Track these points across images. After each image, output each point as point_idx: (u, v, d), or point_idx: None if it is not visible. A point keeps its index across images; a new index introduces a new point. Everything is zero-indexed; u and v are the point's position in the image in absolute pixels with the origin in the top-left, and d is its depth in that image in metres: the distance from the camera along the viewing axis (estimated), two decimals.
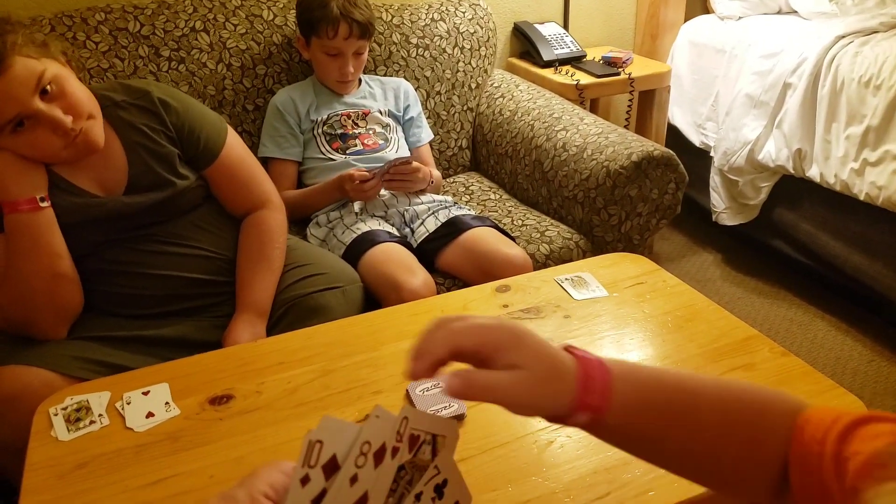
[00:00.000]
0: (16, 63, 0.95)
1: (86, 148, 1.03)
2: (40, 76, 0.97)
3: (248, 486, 0.42)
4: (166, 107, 1.13)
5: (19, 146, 0.99)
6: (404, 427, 0.43)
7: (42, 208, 1.02)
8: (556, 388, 0.43)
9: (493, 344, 0.43)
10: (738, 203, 2.02)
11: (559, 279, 1.10)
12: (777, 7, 2.09)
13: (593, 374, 0.44)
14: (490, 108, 1.80)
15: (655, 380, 0.46)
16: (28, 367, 0.97)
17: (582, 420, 0.44)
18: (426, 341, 0.44)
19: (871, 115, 1.60)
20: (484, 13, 1.83)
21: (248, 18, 1.57)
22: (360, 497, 0.41)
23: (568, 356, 0.45)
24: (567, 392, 0.43)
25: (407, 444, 0.43)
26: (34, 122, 0.98)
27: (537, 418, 0.82)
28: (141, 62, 1.47)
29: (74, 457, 0.77)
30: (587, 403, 0.43)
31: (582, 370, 0.44)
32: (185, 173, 1.15)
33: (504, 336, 0.43)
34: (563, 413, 0.44)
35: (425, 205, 1.49)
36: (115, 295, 1.11)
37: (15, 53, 0.95)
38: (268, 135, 1.51)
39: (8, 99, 0.95)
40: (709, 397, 0.46)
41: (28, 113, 0.97)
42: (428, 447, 0.44)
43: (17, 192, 1.00)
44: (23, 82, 0.95)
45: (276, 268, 1.18)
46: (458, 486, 0.46)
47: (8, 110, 0.95)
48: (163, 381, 0.88)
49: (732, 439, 0.45)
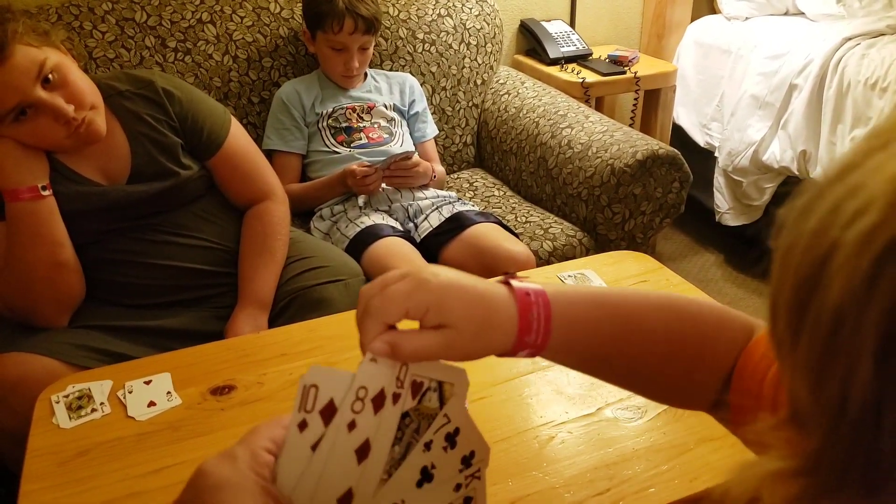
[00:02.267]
0: (17, 52, 0.94)
1: (88, 137, 1.03)
2: (42, 65, 0.97)
3: (248, 443, 0.41)
4: (170, 97, 1.13)
5: (21, 135, 0.99)
6: (404, 373, 0.42)
7: (43, 197, 1.02)
8: (491, 337, 0.43)
9: (417, 310, 0.42)
10: (741, 204, 2.01)
11: (562, 276, 1.10)
12: (784, 8, 2.08)
13: (532, 311, 0.44)
14: (495, 104, 1.80)
15: (598, 303, 0.46)
16: (30, 354, 0.98)
17: (524, 356, 0.45)
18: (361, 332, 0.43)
19: (877, 118, 1.59)
20: (491, 10, 1.83)
21: (254, 11, 1.57)
22: (362, 444, 0.40)
23: (504, 293, 0.44)
24: (504, 337, 0.43)
25: (409, 390, 0.42)
26: (36, 110, 0.98)
27: (539, 414, 0.82)
28: (147, 52, 1.47)
29: (75, 444, 0.77)
30: (527, 343, 0.44)
31: (521, 308, 0.44)
32: (189, 163, 1.14)
33: (426, 298, 0.42)
34: (504, 351, 0.44)
35: (429, 200, 1.48)
36: (118, 284, 1.11)
37: (16, 42, 0.94)
38: (272, 127, 1.51)
39: (9, 88, 0.95)
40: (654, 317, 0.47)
41: (29, 101, 0.97)
42: (434, 394, 0.43)
43: (17, 181, 1.00)
44: (24, 71, 0.95)
45: (279, 260, 1.18)
46: (472, 435, 0.44)
47: (9, 99, 0.95)
48: (165, 370, 0.88)
49: (679, 356, 0.47)
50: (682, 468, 0.74)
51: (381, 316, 0.42)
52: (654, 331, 0.47)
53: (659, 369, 0.48)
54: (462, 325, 0.42)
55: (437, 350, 0.42)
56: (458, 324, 0.42)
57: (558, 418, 0.81)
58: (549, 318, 0.44)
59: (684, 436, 0.78)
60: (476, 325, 0.43)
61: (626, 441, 0.78)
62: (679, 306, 0.48)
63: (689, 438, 0.77)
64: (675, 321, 0.48)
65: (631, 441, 0.78)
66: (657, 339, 0.47)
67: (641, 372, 0.48)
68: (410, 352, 0.42)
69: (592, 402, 0.83)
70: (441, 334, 0.42)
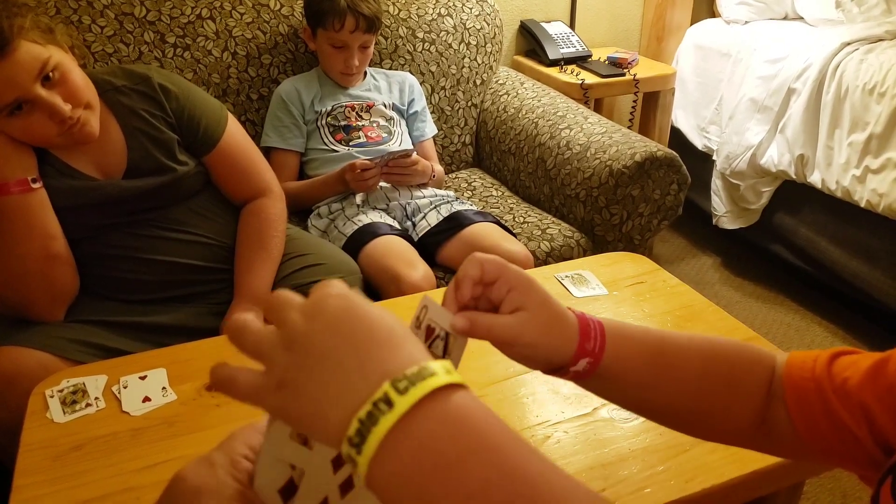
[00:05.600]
0: (20, 47, 0.94)
1: (81, 137, 1.02)
2: (45, 63, 0.96)
3: (226, 449, 0.40)
4: (166, 92, 1.12)
5: (13, 129, 0.99)
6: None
7: (33, 189, 1.01)
8: (558, 334, 0.47)
9: (508, 281, 0.46)
10: (738, 207, 2.02)
11: (559, 276, 1.10)
12: (783, 12, 2.09)
13: (591, 325, 0.48)
14: (494, 104, 1.80)
15: (643, 333, 0.51)
16: (25, 348, 0.97)
17: (581, 367, 0.48)
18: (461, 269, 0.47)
19: (875, 123, 1.60)
20: (491, 10, 1.83)
21: (254, 7, 1.56)
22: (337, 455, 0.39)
23: (567, 310, 0.49)
24: (568, 339, 0.47)
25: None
26: (32, 106, 0.97)
27: (535, 414, 0.82)
28: (146, 48, 1.46)
29: (69, 439, 0.77)
30: (587, 350, 0.47)
31: (580, 319, 0.48)
32: (185, 160, 1.14)
33: (519, 278, 0.47)
34: (563, 361, 0.48)
35: (427, 199, 1.48)
36: (113, 279, 1.11)
37: (20, 37, 0.94)
38: (271, 125, 1.51)
39: (9, 83, 0.94)
40: (689, 347, 0.51)
41: (27, 98, 0.96)
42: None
43: (6, 175, 0.99)
44: (26, 67, 0.94)
45: (275, 256, 1.18)
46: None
47: (8, 94, 0.95)
48: (160, 366, 0.88)
49: (714, 381, 0.51)
50: (677, 469, 0.74)
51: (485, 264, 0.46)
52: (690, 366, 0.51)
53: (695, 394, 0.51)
54: (537, 313, 0.46)
55: (510, 331, 0.46)
56: (534, 311, 0.46)
57: (554, 418, 0.81)
58: (603, 334, 0.48)
59: (680, 436, 0.77)
60: (547, 318, 0.47)
61: (621, 441, 0.78)
62: (716, 346, 0.52)
63: (684, 439, 0.77)
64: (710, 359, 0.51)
65: (627, 441, 0.78)
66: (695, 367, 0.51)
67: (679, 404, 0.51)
68: (486, 325, 0.45)
69: (588, 402, 0.83)
70: (515, 318, 0.46)
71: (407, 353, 0.33)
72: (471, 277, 0.47)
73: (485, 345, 0.98)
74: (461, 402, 0.31)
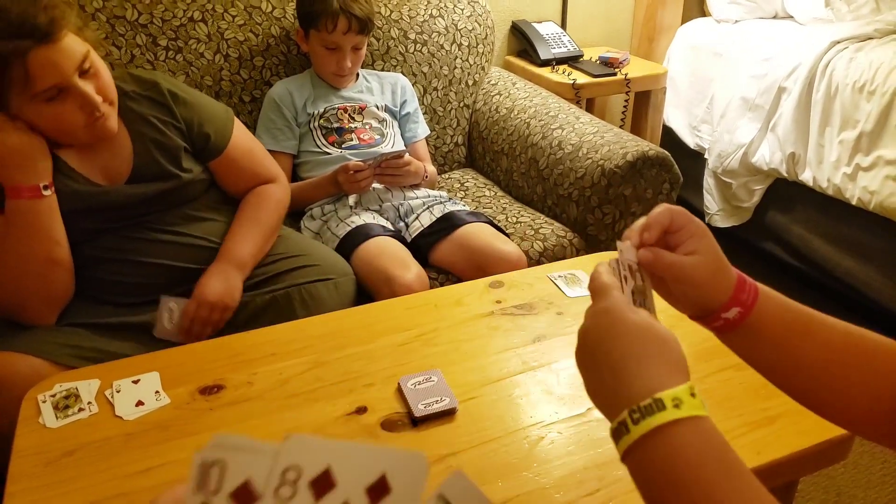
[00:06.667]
0: (66, 37, 0.97)
1: (102, 132, 1.04)
2: (85, 55, 1.00)
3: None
4: (175, 98, 1.14)
5: (44, 116, 1.00)
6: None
7: (44, 196, 1.01)
8: (721, 279, 0.53)
9: (690, 230, 0.54)
10: (731, 205, 2.03)
11: (552, 276, 1.10)
12: (773, 11, 2.10)
13: (746, 280, 0.54)
14: (486, 105, 1.80)
15: (791, 301, 0.55)
16: (16, 353, 0.97)
17: (732, 314, 0.53)
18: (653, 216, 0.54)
19: (865, 121, 1.61)
20: (482, 11, 1.83)
21: (246, 10, 1.56)
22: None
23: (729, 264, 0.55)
24: (727, 285, 0.53)
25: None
26: (66, 94, 0.99)
27: (529, 414, 0.82)
28: (138, 51, 1.46)
29: (62, 444, 0.77)
30: (741, 299, 0.53)
31: (739, 275, 0.54)
32: (189, 167, 1.15)
33: (700, 227, 0.54)
34: (716, 306, 0.53)
35: (420, 199, 1.48)
36: (106, 282, 1.10)
37: (68, 28, 0.97)
38: (264, 127, 1.51)
39: (55, 67, 0.96)
40: (835, 322, 0.54)
41: (66, 85, 0.98)
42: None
43: (20, 179, 1.00)
44: (70, 56, 0.98)
45: (266, 230, 1.19)
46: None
47: (50, 77, 0.96)
48: (153, 369, 0.88)
49: (857, 355, 0.52)
50: None
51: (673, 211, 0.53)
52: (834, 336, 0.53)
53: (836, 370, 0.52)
54: (709, 259, 0.53)
55: (684, 269, 0.53)
56: (707, 256, 0.53)
57: (548, 418, 0.81)
58: (756, 290, 0.54)
59: None
60: (715, 264, 0.54)
61: None
62: (861, 329, 0.55)
63: None
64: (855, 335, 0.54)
65: None
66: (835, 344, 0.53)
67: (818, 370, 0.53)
68: (668, 261, 0.53)
69: (582, 403, 0.84)
70: (690, 259, 0.53)
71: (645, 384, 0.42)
72: (661, 224, 0.53)
73: (479, 346, 0.98)
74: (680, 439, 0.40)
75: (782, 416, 0.80)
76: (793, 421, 0.79)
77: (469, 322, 0.99)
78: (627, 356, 0.44)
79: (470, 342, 0.95)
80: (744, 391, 0.84)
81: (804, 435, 0.77)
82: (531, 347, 0.94)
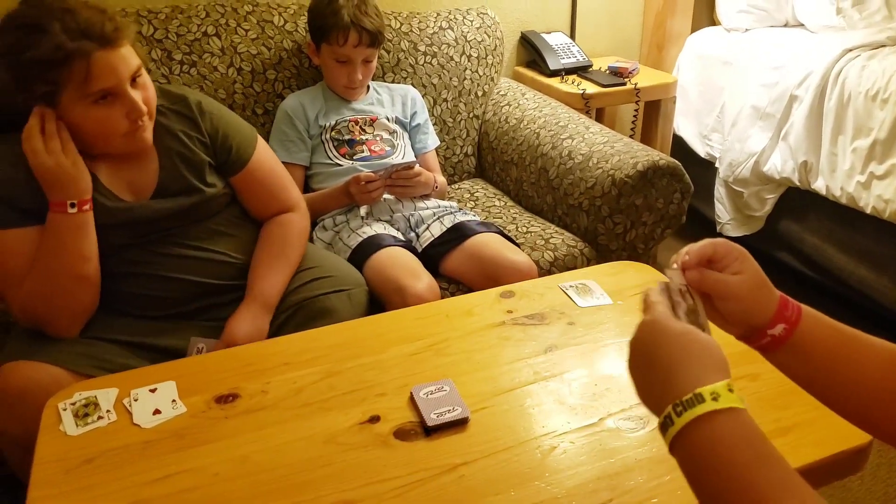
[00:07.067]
0: (126, 46, 1.02)
1: (139, 142, 1.07)
2: (139, 67, 1.05)
3: None
4: (202, 113, 1.16)
5: (90, 117, 1.02)
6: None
7: (84, 212, 1.04)
8: (764, 295, 0.58)
9: (733, 254, 0.59)
10: (742, 214, 2.02)
11: (563, 286, 1.10)
12: (784, 20, 2.10)
13: (789, 299, 0.58)
14: (496, 115, 1.81)
15: (835, 321, 0.58)
16: (37, 363, 0.98)
17: (777, 331, 0.57)
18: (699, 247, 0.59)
19: (878, 129, 1.60)
20: (492, 22, 1.85)
21: (259, 24, 1.59)
22: None
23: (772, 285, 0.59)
24: (770, 302, 0.58)
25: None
26: (115, 99, 1.02)
27: (541, 424, 0.82)
28: (154, 65, 1.49)
29: (82, 451, 0.78)
30: (785, 316, 0.57)
31: (782, 295, 0.58)
32: (213, 181, 1.17)
33: (741, 250, 0.59)
34: (762, 323, 0.57)
35: (431, 210, 1.50)
36: (128, 295, 1.12)
37: (128, 39, 1.03)
38: (276, 139, 1.53)
39: (112, 71, 1.00)
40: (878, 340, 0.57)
41: (117, 91, 1.02)
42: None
43: (60, 196, 1.02)
44: (127, 64, 1.02)
45: (292, 266, 1.20)
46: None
47: (106, 80, 1.00)
48: (170, 379, 0.89)
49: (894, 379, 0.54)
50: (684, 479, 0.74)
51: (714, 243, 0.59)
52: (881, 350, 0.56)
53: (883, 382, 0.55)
54: (751, 278, 0.58)
55: (729, 287, 0.57)
56: (750, 275, 0.58)
57: (560, 428, 0.82)
58: (800, 308, 0.58)
59: None
60: (757, 283, 0.58)
61: (628, 451, 0.78)
62: None
63: None
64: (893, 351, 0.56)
65: (633, 451, 0.78)
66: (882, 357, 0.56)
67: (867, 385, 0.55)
68: (714, 279, 0.58)
69: (594, 413, 0.84)
70: (735, 277, 0.58)
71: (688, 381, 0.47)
72: (701, 255, 0.59)
73: (490, 356, 0.98)
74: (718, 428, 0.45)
75: (797, 427, 0.80)
76: (807, 432, 0.79)
77: (480, 332, 0.99)
78: (672, 359, 0.50)
79: (481, 352, 0.95)
80: (757, 401, 0.84)
81: (819, 446, 0.77)
82: (542, 357, 0.94)
